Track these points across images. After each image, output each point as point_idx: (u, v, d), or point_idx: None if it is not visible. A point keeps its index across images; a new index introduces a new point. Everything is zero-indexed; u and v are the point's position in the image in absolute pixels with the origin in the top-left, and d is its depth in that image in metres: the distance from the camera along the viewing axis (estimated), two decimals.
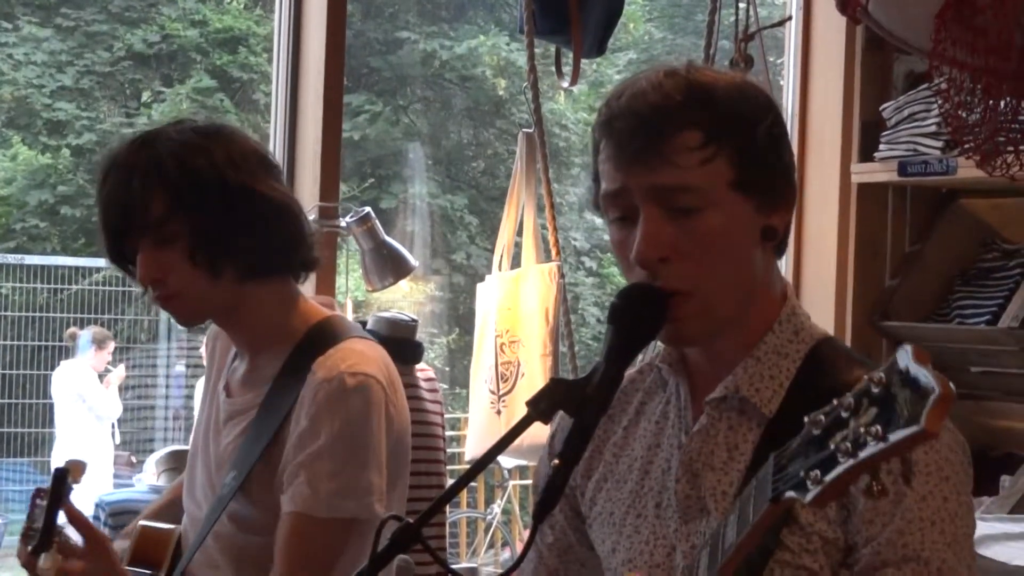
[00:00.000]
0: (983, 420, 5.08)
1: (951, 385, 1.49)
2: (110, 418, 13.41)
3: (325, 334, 3.05)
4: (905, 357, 1.56)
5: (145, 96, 18.59)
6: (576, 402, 2.13)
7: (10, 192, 18.29)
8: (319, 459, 2.90)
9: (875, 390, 1.57)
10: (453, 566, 2.78)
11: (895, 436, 1.50)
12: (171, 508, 3.43)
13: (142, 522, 3.40)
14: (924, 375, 1.51)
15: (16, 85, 18.28)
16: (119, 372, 13.58)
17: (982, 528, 4.31)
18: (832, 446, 1.59)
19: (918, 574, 2.08)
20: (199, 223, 2.97)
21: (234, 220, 2.99)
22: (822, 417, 1.63)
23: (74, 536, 2.94)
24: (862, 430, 1.55)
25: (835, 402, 1.63)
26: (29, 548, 2.92)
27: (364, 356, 3.02)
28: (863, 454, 1.53)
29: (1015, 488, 4.73)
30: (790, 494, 1.63)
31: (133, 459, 11.74)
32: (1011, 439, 5.03)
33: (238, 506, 3.01)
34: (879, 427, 1.53)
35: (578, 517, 2.49)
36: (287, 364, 3.03)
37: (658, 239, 2.16)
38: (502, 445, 2.41)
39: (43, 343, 14.69)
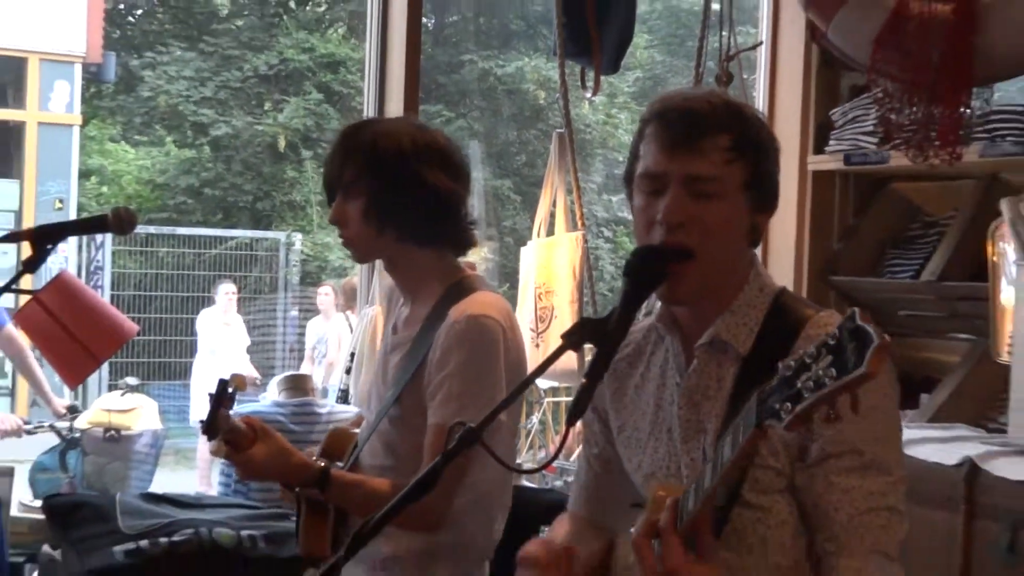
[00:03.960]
0: (908, 352, 5.06)
1: (887, 336, 1.63)
2: (238, 350, 13.44)
3: (461, 288, 3.02)
4: (854, 317, 1.69)
5: (267, 105, 18.50)
6: (599, 335, 2.13)
7: (164, 179, 18.24)
8: (450, 380, 2.90)
9: (831, 342, 1.68)
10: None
11: (846, 377, 1.63)
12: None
13: (333, 426, 3.51)
14: (868, 330, 1.63)
15: (169, 95, 18.24)
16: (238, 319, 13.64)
17: (907, 434, 4.30)
18: (799, 385, 1.70)
19: (853, 462, 2.09)
20: (375, 191, 3.01)
21: (401, 195, 3.00)
22: (792, 363, 1.72)
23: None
24: (821, 372, 1.67)
25: (801, 352, 1.73)
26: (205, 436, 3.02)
27: (486, 304, 2.99)
28: (823, 391, 1.65)
29: (932, 404, 4.72)
30: (770, 422, 1.72)
31: (258, 381, 11.63)
32: (929, 366, 5.01)
33: (395, 412, 3.03)
34: (834, 370, 1.66)
35: (612, 441, 2.48)
36: (433, 310, 3.02)
37: (683, 209, 2.15)
38: (541, 369, 2.46)
39: (189, 294, 14.69)
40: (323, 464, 2.99)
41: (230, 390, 2.95)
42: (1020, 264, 4.09)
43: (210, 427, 2.90)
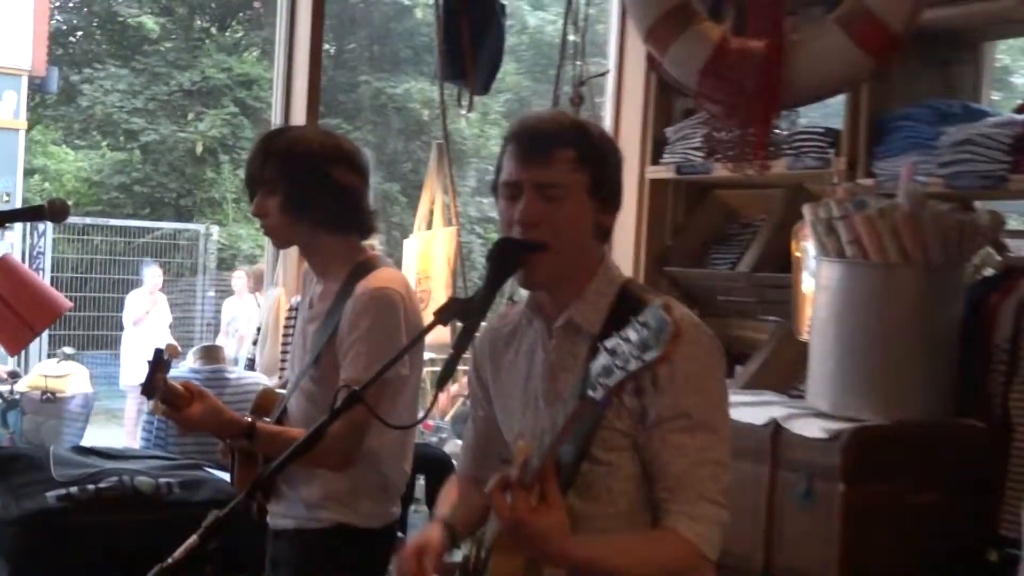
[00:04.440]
0: (725, 331, 5.12)
1: (685, 324, 1.81)
2: (162, 325, 13.39)
3: (366, 266, 3.07)
4: (657, 308, 1.78)
5: (190, 116, 18.35)
6: (465, 312, 2.17)
7: (100, 177, 18.09)
8: (359, 343, 2.95)
9: (640, 328, 1.77)
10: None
11: (647, 357, 1.75)
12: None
13: (264, 385, 3.58)
14: (666, 319, 1.74)
15: (104, 105, 18.03)
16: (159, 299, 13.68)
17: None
18: (614, 363, 1.79)
19: (684, 423, 2.12)
20: (291, 187, 3.03)
21: (313, 191, 3.03)
22: (609, 345, 1.80)
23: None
24: (629, 354, 1.77)
25: (617, 335, 1.81)
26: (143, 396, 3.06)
27: (388, 278, 3.05)
28: (630, 368, 1.76)
29: (744, 374, 4.78)
30: (590, 393, 1.82)
31: (179, 350, 11.61)
32: (742, 343, 5.07)
33: (314, 373, 3.07)
34: (639, 351, 1.76)
35: (493, 407, 2.50)
36: (342, 286, 3.06)
37: (535, 211, 2.18)
38: (415, 341, 2.69)
39: (120, 276, 14.58)
40: (251, 419, 3.04)
41: (166, 357, 2.99)
42: (818, 259, 4.14)
43: (148, 389, 2.93)
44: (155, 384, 2.94)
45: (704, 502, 2.11)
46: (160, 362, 2.98)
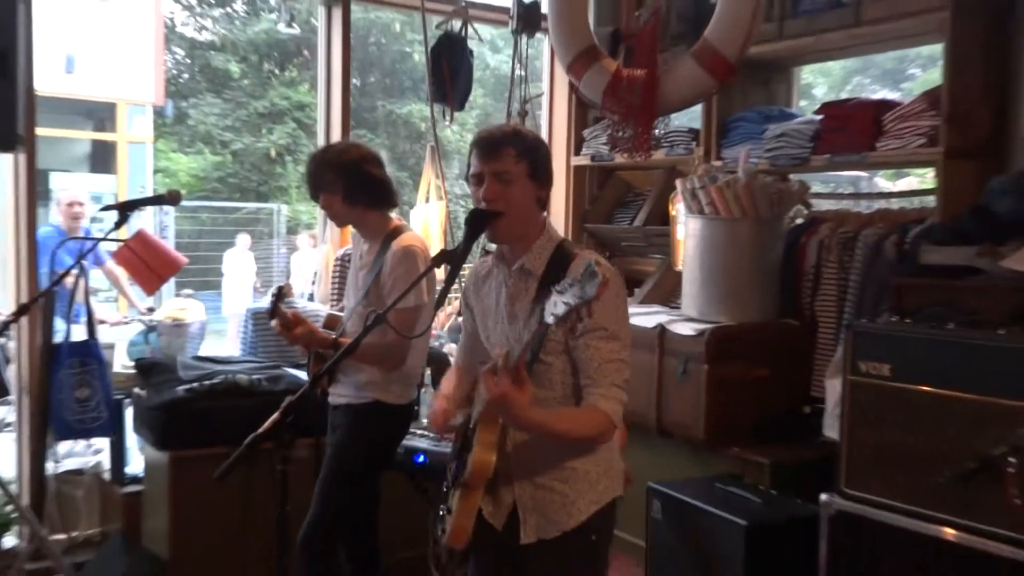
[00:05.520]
0: (626, 266, 5.12)
1: (608, 274, 1.81)
2: (249, 274, 13.32)
3: (396, 231, 3.07)
4: (591, 264, 1.81)
5: (263, 131, 18.16)
6: (451, 258, 2.20)
7: (204, 174, 17.92)
8: (395, 283, 2.95)
9: (581, 276, 1.78)
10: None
11: (585, 298, 1.77)
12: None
13: (328, 312, 3.58)
14: (597, 272, 1.77)
15: (205, 124, 18.01)
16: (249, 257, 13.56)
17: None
18: (563, 300, 1.81)
19: (602, 334, 2.12)
20: (346, 185, 3.04)
21: (358, 184, 3.04)
22: (559, 288, 1.81)
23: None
24: (572, 295, 1.79)
25: (567, 279, 1.83)
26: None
27: (412, 238, 3.07)
28: (571, 307, 1.79)
29: (640, 294, 4.79)
30: (547, 320, 1.84)
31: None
32: (639, 273, 5.06)
33: (364, 302, 3.05)
34: (580, 293, 1.78)
35: (476, 321, 2.47)
36: (381, 245, 3.06)
37: (494, 191, 2.18)
38: (421, 276, 2.62)
39: (220, 240, 14.40)
40: (334, 336, 3.10)
41: (283, 294, 3.09)
42: (687, 216, 4.16)
43: (271, 314, 3.02)
44: (276, 311, 3.01)
45: (613, 387, 2.11)
46: (280, 295, 3.07)
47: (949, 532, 2.68)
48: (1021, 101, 3.65)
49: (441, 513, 2.29)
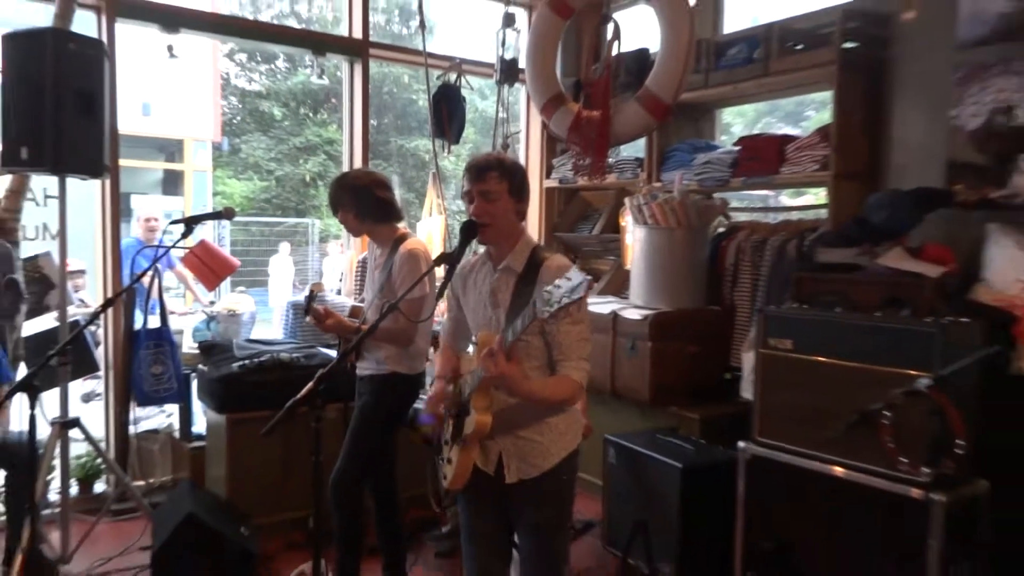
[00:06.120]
0: (588, 265, 5.13)
1: (588, 282, 1.71)
2: (289, 275, 13.19)
3: (403, 238, 2.98)
4: (577, 270, 1.76)
5: (300, 161, 17.99)
6: (449, 259, 2.15)
7: (253, 195, 17.82)
8: (403, 280, 2.89)
9: (567, 282, 1.72)
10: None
11: (572, 299, 1.71)
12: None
13: (353, 304, 3.50)
14: (583, 279, 1.71)
15: (254, 156, 17.86)
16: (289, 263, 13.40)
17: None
18: (553, 298, 1.73)
19: (572, 320, 2.08)
20: (357, 204, 2.98)
21: (368, 203, 2.98)
22: (549, 288, 1.74)
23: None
24: (562, 295, 1.72)
25: (554, 283, 1.74)
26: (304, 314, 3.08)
27: (416, 243, 2.98)
28: (562, 304, 1.71)
29: (598, 288, 4.78)
30: (542, 315, 1.74)
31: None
32: (596, 271, 5.06)
33: (380, 296, 2.98)
34: (570, 293, 1.71)
35: (462, 310, 2.39)
36: (391, 249, 2.97)
37: (481, 207, 2.13)
38: (425, 274, 2.52)
39: (267, 248, 14.22)
40: (358, 323, 3.07)
41: (315, 292, 3.07)
42: (634, 226, 4.16)
43: (306, 310, 3.00)
44: (309, 308, 2.99)
45: (581, 360, 2.08)
46: (312, 296, 3.05)
47: (838, 470, 2.70)
48: (891, 136, 3.68)
49: (442, 462, 2.28)
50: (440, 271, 2.39)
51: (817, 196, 4.86)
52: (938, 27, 3.43)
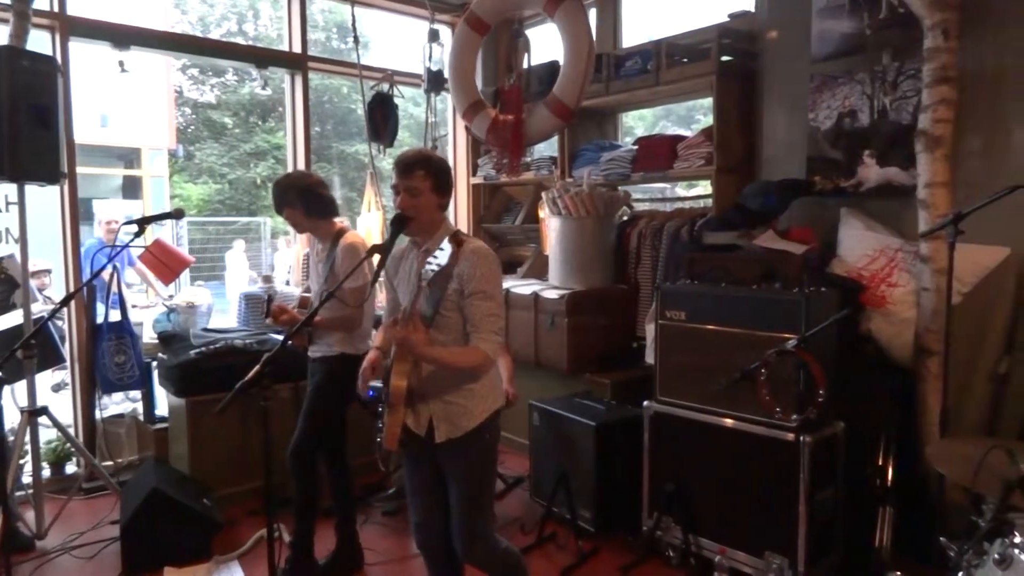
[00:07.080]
0: (511, 252, 5.12)
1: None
2: (243, 268, 12.82)
3: (342, 232, 2.89)
4: (448, 242, 1.75)
5: (251, 164, 17.48)
6: (381, 249, 2.05)
7: (208, 197, 17.20)
8: (344, 270, 2.78)
9: (440, 254, 1.74)
10: None
11: (440, 264, 1.75)
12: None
13: (301, 294, 3.41)
14: (449, 249, 1.72)
15: (207, 162, 17.23)
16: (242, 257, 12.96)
17: (512, 283, 4.37)
18: (431, 270, 1.76)
19: (484, 296, 2.04)
20: (302, 201, 2.86)
21: (311, 200, 2.87)
22: (432, 263, 1.75)
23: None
24: (436, 264, 1.75)
25: (433, 259, 1.73)
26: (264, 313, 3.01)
27: (354, 236, 2.84)
28: (433, 269, 1.75)
29: (520, 272, 4.78)
30: (424, 281, 1.79)
31: (252, 278, 11.03)
32: (519, 257, 5.07)
33: (324, 287, 2.87)
34: (439, 262, 1.76)
35: (396, 290, 2.32)
36: (332, 243, 2.86)
37: (407, 201, 2.08)
38: (360, 262, 2.44)
39: (222, 245, 13.73)
40: (303, 316, 2.93)
41: (271, 299, 3.03)
42: (550, 216, 4.18)
43: (267, 312, 2.92)
44: (269, 308, 2.91)
45: (491, 333, 2.05)
46: (271, 299, 3.03)
47: (727, 421, 2.79)
48: (762, 134, 3.78)
49: (380, 426, 2.26)
50: (372, 260, 2.35)
51: (704, 187, 4.98)
52: (795, 44, 3.54)
